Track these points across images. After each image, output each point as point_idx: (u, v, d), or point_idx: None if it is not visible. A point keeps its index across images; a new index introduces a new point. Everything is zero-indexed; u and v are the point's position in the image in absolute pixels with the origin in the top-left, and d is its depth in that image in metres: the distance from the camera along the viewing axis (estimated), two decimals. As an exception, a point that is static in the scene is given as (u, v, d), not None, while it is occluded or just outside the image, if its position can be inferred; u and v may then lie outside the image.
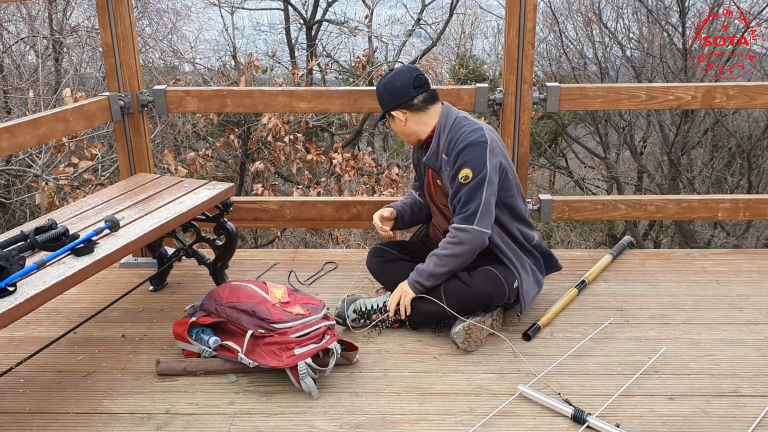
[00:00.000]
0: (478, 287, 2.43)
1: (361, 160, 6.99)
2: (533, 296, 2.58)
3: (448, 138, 2.47)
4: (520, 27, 2.87)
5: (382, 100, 2.53)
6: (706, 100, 3.02)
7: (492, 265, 2.49)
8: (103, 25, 2.94)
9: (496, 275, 2.45)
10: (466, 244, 2.41)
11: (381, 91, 2.53)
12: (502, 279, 2.45)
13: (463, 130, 2.44)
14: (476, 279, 2.45)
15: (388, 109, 2.52)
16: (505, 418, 2.05)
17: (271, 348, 2.21)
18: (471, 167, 2.38)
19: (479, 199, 2.38)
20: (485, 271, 2.47)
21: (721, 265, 3.13)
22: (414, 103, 2.48)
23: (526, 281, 2.53)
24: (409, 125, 2.52)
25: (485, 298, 2.44)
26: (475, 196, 2.38)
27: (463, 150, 2.39)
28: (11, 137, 2.47)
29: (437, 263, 2.45)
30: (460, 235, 2.41)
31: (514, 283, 2.50)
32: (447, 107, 2.55)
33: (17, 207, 6.70)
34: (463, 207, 2.40)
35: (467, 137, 2.41)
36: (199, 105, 3.15)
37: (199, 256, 2.89)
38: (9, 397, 2.19)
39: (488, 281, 2.44)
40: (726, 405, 2.09)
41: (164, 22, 9.82)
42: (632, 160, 10.71)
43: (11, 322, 1.83)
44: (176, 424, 2.05)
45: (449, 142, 2.46)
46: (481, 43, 15.09)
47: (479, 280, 2.44)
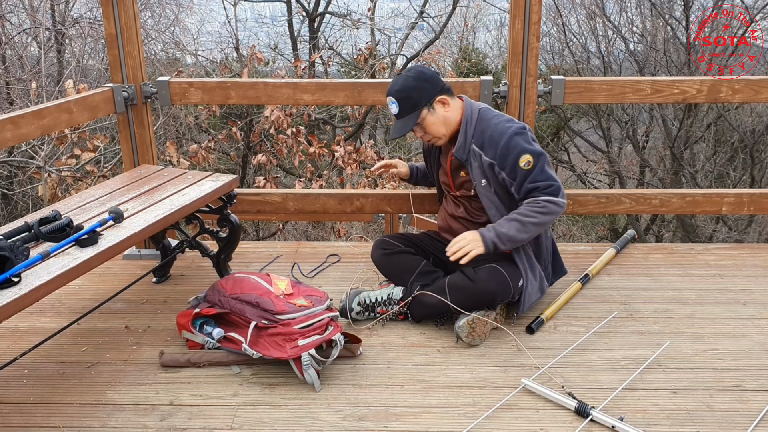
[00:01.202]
0: (483, 284, 2.42)
1: (363, 153, 6.99)
2: (534, 301, 2.57)
3: (479, 129, 2.46)
4: (525, 19, 2.85)
5: (423, 92, 2.42)
6: (712, 94, 3.01)
7: (498, 263, 2.48)
8: (106, 15, 2.93)
9: (501, 273, 2.44)
10: (553, 215, 2.41)
11: (415, 84, 2.42)
12: (508, 278, 2.44)
13: (495, 123, 2.45)
14: (481, 275, 2.43)
15: (432, 97, 2.43)
16: (508, 411, 2.05)
17: (274, 339, 2.21)
18: (528, 152, 2.39)
19: (554, 176, 2.45)
20: (491, 268, 2.45)
21: (724, 259, 3.13)
22: (448, 88, 2.48)
23: (531, 284, 2.52)
24: (450, 111, 2.48)
25: (489, 295, 2.43)
26: (547, 174, 2.42)
27: (510, 141, 2.40)
28: (15, 128, 2.47)
29: (520, 229, 2.39)
30: (551, 206, 2.39)
31: (519, 281, 2.49)
32: (468, 99, 2.55)
33: (20, 198, 6.70)
34: (545, 183, 2.41)
35: (504, 130, 2.41)
36: (203, 96, 3.14)
37: (202, 247, 2.89)
38: (13, 387, 2.19)
39: (493, 279, 2.43)
40: (729, 399, 2.09)
41: (166, 13, 9.81)
42: (635, 154, 10.70)
43: (16, 313, 1.83)
44: (180, 415, 2.05)
45: (482, 135, 2.45)
46: (484, 37, 15.06)
47: (484, 276, 2.43)
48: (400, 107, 2.44)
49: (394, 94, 2.44)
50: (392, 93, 2.45)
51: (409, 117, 2.45)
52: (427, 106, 2.44)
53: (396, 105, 2.45)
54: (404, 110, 2.44)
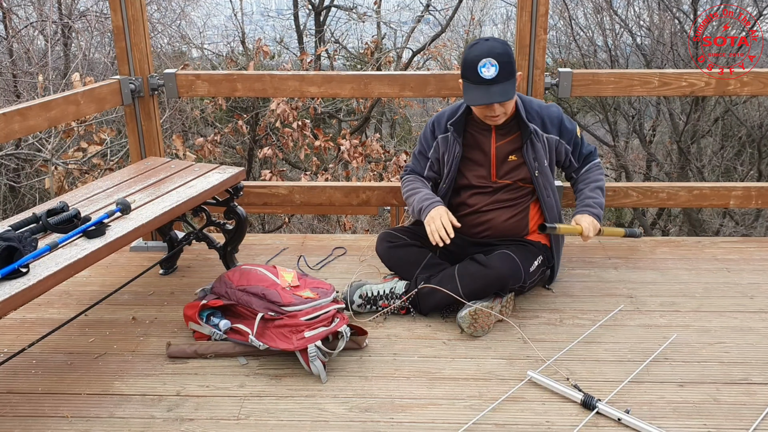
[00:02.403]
0: (496, 269, 2.42)
1: (369, 146, 6.98)
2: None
3: (530, 110, 2.58)
4: (533, 11, 2.84)
5: (512, 63, 2.40)
6: (720, 87, 2.99)
7: (509, 248, 2.50)
8: (113, 8, 2.93)
9: (512, 258, 2.46)
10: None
11: (512, 52, 2.41)
12: (519, 262, 2.45)
13: (539, 103, 2.64)
14: (493, 261, 2.45)
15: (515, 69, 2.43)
16: (514, 403, 2.05)
17: (281, 331, 2.22)
18: (576, 126, 2.67)
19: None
20: (502, 253, 2.47)
21: (731, 253, 3.12)
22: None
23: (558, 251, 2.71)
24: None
25: (501, 280, 2.44)
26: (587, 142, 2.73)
27: (565, 118, 2.63)
28: (23, 120, 2.48)
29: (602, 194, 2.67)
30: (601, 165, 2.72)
31: (530, 267, 2.51)
32: None
33: (27, 191, 6.73)
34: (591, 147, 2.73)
35: (555, 108, 2.62)
36: (210, 89, 3.14)
37: (209, 240, 2.90)
38: (22, 377, 2.21)
39: (505, 263, 2.44)
40: (736, 392, 2.09)
41: (172, 6, 9.79)
42: (641, 148, 10.64)
43: (24, 303, 1.84)
44: (187, 406, 2.06)
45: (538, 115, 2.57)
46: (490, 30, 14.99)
47: (496, 261, 2.44)
48: (501, 71, 2.34)
49: (497, 56, 2.34)
50: (493, 55, 2.34)
51: (509, 83, 2.38)
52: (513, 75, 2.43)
53: (496, 68, 2.34)
54: (504, 75, 2.36)
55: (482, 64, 2.35)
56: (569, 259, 3.05)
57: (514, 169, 2.57)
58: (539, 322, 2.52)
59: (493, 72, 2.34)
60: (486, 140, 2.59)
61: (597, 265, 3.00)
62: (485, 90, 2.37)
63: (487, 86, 2.37)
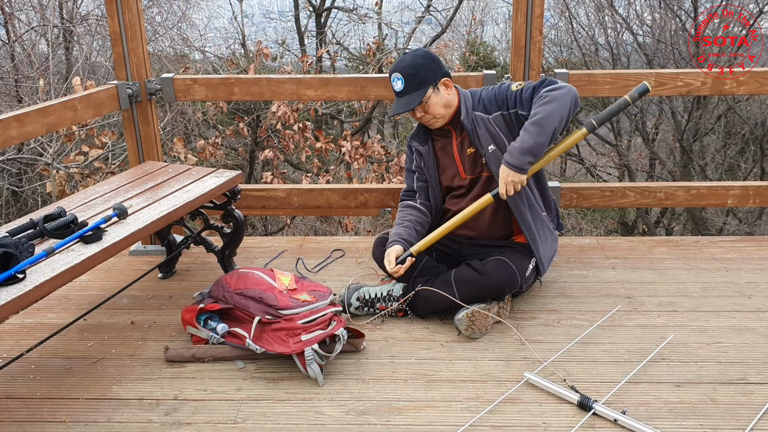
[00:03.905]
0: (491, 276, 2.43)
1: (371, 148, 6.99)
2: (551, 256, 2.64)
3: (476, 99, 2.54)
4: (528, 13, 2.85)
5: (430, 71, 2.46)
6: (716, 87, 2.99)
7: (505, 254, 2.49)
8: (110, 13, 2.94)
9: (508, 265, 2.45)
10: (563, 98, 2.32)
11: (424, 62, 2.46)
12: (515, 269, 2.45)
13: (490, 87, 2.58)
14: (489, 268, 2.45)
15: (438, 77, 2.47)
16: (511, 404, 2.06)
17: (278, 334, 2.23)
18: (516, 82, 2.50)
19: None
20: (497, 260, 2.47)
21: (730, 252, 3.11)
22: (449, 73, 2.53)
23: (544, 246, 2.57)
24: (451, 95, 2.52)
25: (497, 287, 2.45)
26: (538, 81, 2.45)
27: (499, 87, 2.52)
28: (20, 126, 2.49)
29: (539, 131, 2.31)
30: (554, 92, 2.33)
31: (526, 271, 2.51)
32: (459, 87, 2.61)
33: (29, 195, 6.75)
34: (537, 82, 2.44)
35: (495, 86, 2.55)
36: (207, 93, 3.15)
37: (207, 243, 2.91)
38: (20, 382, 2.22)
39: (500, 271, 2.44)
40: (733, 392, 2.08)
41: (174, 9, 9.82)
42: (644, 146, 10.62)
43: (21, 309, 1.86)
44: (184, 410, 2.07)
45: (480, 101, 2.53)
46: (492, 30, 14.99)
47: (492, 269, 2.44)
48: (406, 83, 2.46)
49: (402, 70, 2.46)
50: (399, 69, 2.47)
51: (414, 94, 2.46)
52: (432, 85, 2.46)
53: (402, 81, 2.46)
54: (410, 87, 2.46)
55: (392, 78, 2.50)
56: (567, 259, 3.05)
57: (476, 159, 2.57)
58: (537, 323, 2.53)
59: (400, 85, 2.48)
60: (448, 141, 2.63)
61: (595, 265, 3.00)
62: (397, 101, 2.52)
63: (398, 98, 2.51)
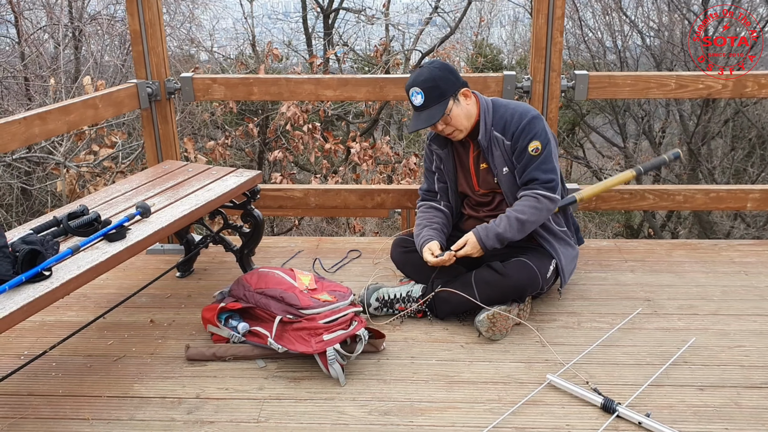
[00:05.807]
0: (513, 278, 2.42)
1: (379, 149, 6.99)
2: (572, 270, 2.63)
3: (497, 116, 2.48)
4: (549, 14, 2.84)
5: (449, 82, 2.41)
6: (737, 89, 2.98)
7: (526, 255, 2.49)
8: (131, 12, 2.94)
9: (530, 266, 2.45)
10: (546, 213, 2.47)
11: (442, 74, 2.41)
12: (536, 270, 2.44)
13: (513, 106, 2.49)
14: (510, 270, 2.44)
15: (457, 88, 2.44)
16: (534, 406, 2.05)
17: (299, 333, 2.22)
18: (539, 140, 2.43)
19: (556, 170, 2.47)
20: (519, 261, 2.46)
21: (749, 255, 3.10)
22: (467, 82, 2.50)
23: (565, 256, 2.56)
24: (471, 105, 2.48)
25: (518, 289, 2.44)
26: (551, 166, 2.47)
27: (528, 124, 2.44)
28: (43, 123, 2.49)
29: (520, 229, 2.43)
30: (546, 202, 2.44)
31: (547, 273, 2.50)
32: (478, 93, 2.56)
33: (38, 194, 6.76)
34: (545, 176, 2.45)
35: (524, 112, 2.46)
36: (226, 93, 3.15)
37: (225, 242, 2.90)
38: (42, 380, 2.22)
39: (522, 272, 2.44)
40: (758, 397, 2.07)
41: (181, 9, 9.82)
42: (651, 150, 10.60)
43: (47, 306, 1.85)
44: (207, 408, 2.07)
45: (501, 119, 2.47)
46: (498, 32, 15.00)
47: (513, 271, 2.44)
48: (426, 97, 2.41)
49: (420, 84, 2.41)
50: (417, 83, 2.42)
51: (436, 107, 2.42)
52: (453, 97, 2.43)
53: (422, 95, 2.41)
54: (431, 100, 2.41)
55: (411, 93, 2.45)
56: (585, 262, 3.04)
57: (487, 176, 2.57)
58: (557, 325, 2.52)
59: (420, 99, 2.42)
60: (465, 152, 2.61)
61: (614, 268, 2.99)
62: (417, 116, 2.46)
63: (418, 113, 2.46)
